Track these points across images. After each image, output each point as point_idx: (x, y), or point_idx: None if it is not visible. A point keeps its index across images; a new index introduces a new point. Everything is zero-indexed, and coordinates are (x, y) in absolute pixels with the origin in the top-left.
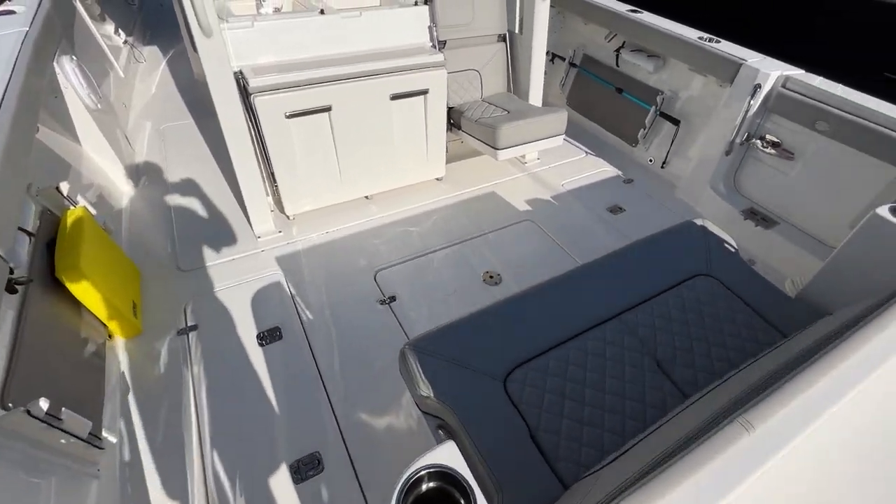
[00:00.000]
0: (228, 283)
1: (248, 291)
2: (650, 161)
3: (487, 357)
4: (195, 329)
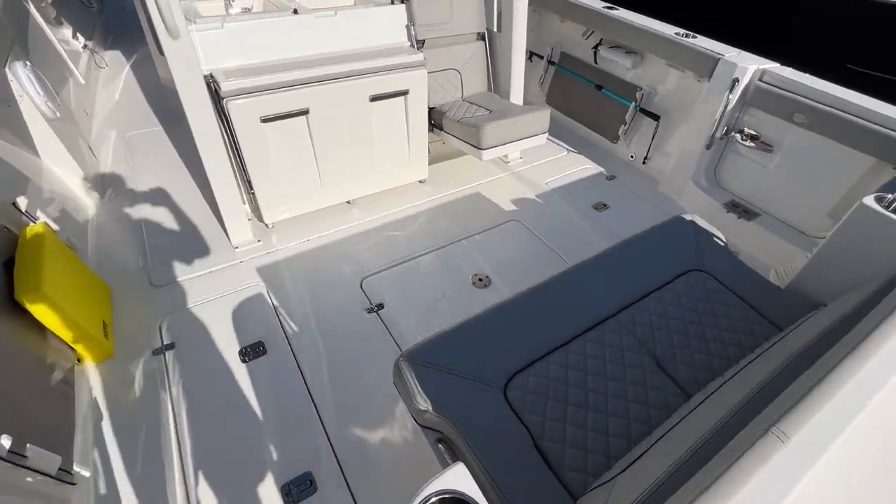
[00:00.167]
0: (206, 298)
1: (228, 305)
2: (631, 157)
3: (485, 365)
4: (172, 348)
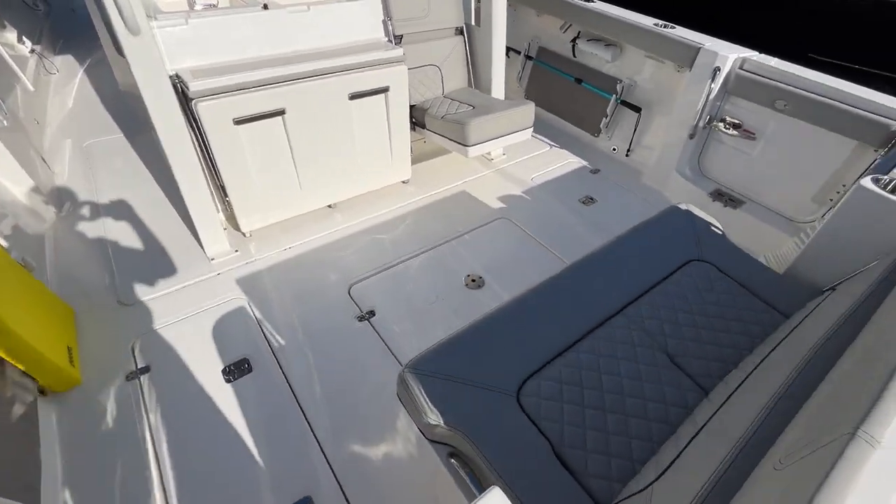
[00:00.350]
0: (182, 314)
1: (207, 321)
2: (614, 150)
3: (495, 371)
4: (147, 371)
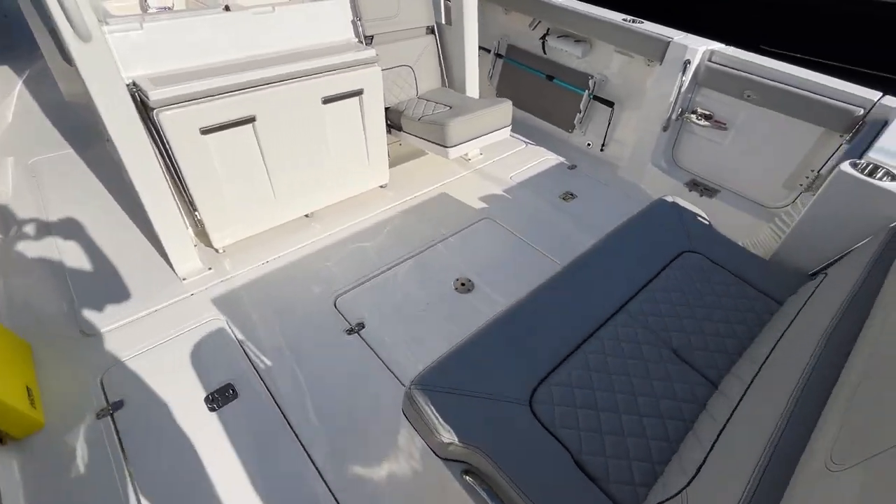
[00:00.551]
0: (155, 341)
1: (184, 347)
2: (588, 145)
3: (505, 380)
4: (120, 407)
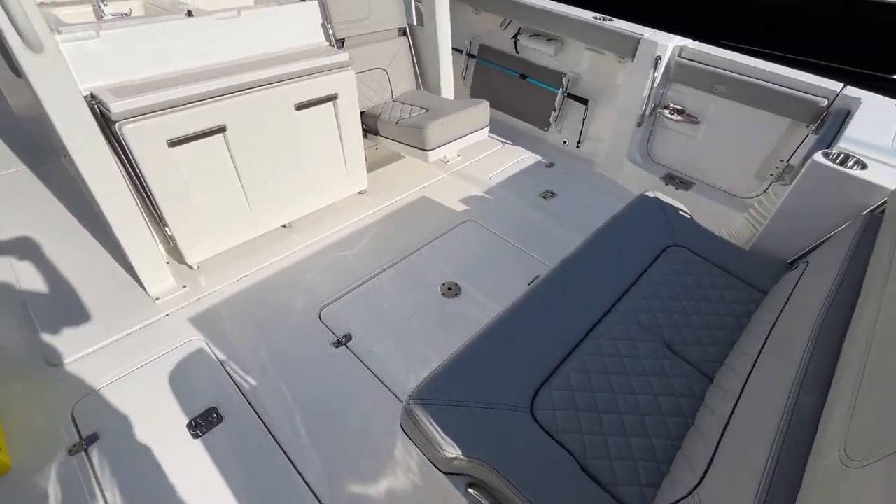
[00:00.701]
0: (130, 367)
1: (161, 371)
2: (564, 143)
3: (504, 388)
4: (95, 440)
